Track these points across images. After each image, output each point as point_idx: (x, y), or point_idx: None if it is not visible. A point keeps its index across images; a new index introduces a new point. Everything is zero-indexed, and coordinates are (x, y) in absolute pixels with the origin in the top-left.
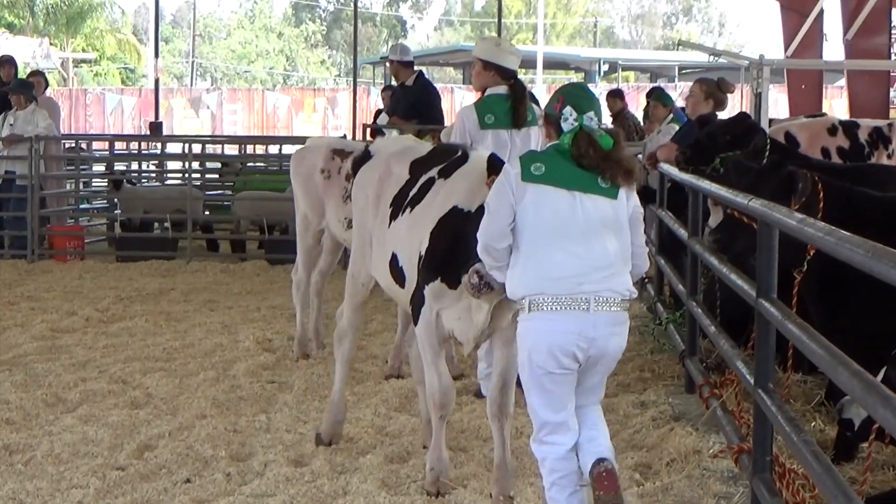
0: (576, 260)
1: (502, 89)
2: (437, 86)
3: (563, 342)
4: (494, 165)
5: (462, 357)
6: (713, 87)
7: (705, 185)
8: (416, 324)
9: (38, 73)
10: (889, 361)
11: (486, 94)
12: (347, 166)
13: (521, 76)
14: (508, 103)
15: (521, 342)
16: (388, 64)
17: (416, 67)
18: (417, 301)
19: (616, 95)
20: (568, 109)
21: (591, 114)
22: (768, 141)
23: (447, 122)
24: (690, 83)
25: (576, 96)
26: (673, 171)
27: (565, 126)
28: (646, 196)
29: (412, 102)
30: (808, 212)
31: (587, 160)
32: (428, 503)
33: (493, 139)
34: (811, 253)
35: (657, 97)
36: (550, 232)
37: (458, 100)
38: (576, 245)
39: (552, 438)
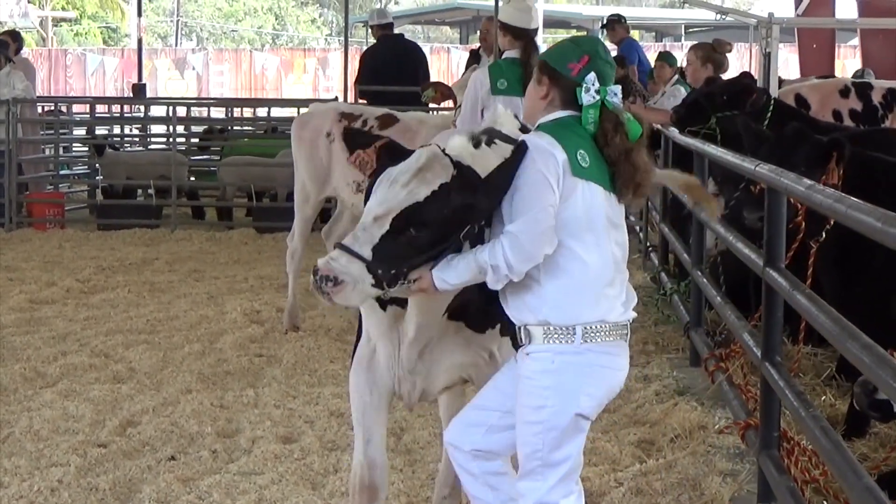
0: (621, 279)
1: (515, 52)
2: (434, 45)
3: (620, 382)
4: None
5: None
6: (708, 49)
7: (710, 149)
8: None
9: (13, 33)
10: None
11: (502, 57)
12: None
13: None
14: (521, 68)
15: (563, 385)
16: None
17: (411, 26)
18: (357, 331)
19: (619, 59)
20: (592, 77)
21: (617, 88)
22: (771, 101)
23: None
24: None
25: (603, 61)
26: (678, 135)
27: (585, 98)
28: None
29: (377, 66)
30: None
31: (609, 150)
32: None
33: (504, 105)
34: (831, 223)
35: (661, 58)
36: (603, 242)
37: (454, 60)
38: (621, 261)
39: (576, 478)
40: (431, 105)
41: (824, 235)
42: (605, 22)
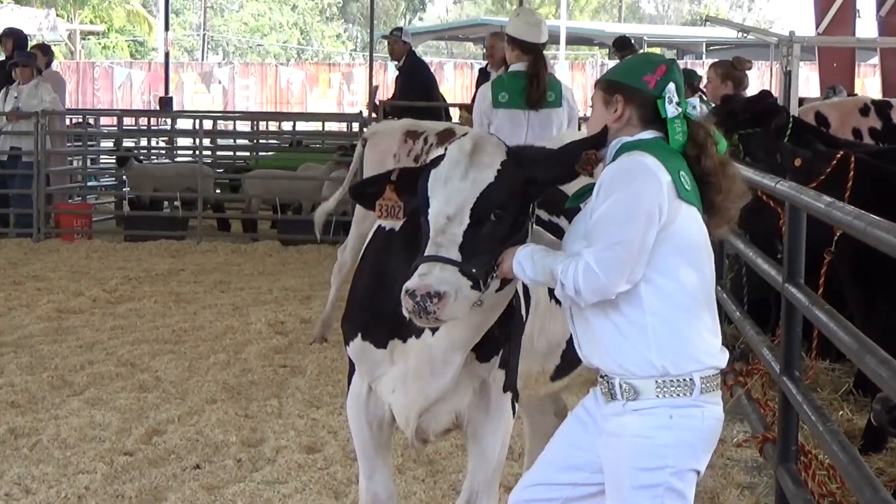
0: (714, 316)
1: (522, 65)
2: (457, 61)
3: (719, 432)
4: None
5: None
6: (728, 67)
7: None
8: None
9: (43, 46)
10: None
11: (508, 70)
12: (417, 148)
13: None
14: (525, 81)
15: (683, 441)
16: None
17: (434, 42)
18: (349, 370)
19: None
20: (672, 86)
21: (695, 101)
22: (790, 119)
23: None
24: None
25: (678, 72)
26: None
27: (669, 109)
28: None
29: (406, 85)
30: (834, 190)
31: (706, 162)
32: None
33: (506, 119)
34: (837, 233)
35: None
36: (707, 271)
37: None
38: (710, 298)
39: None
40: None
41: (834, 247)
42: (613, 45)
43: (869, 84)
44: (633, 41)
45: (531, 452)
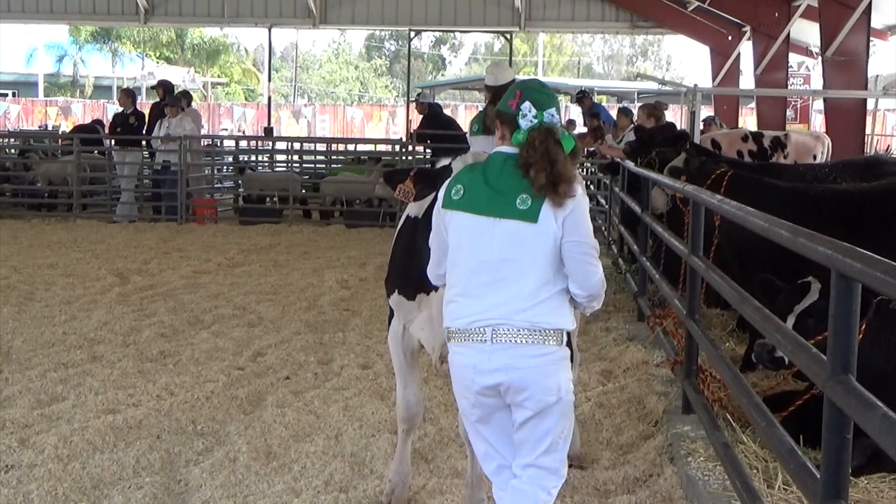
0: (494, 289)
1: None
2: (467, 103)
3: (464, 376)
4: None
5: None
6: (651, 108)
7: (653, 175)
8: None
9: (185, 92)
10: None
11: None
12: None
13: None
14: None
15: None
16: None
17: (451, 90)
18: (389, 314)
19: (594, 114)
20: (527, 105)
21: (553, 110)
22: (689, 141)
23: None
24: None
25: (535, 91)
26: (631, 165)
27: (523, 123)
28: (612, 169)
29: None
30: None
31: (528, 154)
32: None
33: (480, 143)
34: (717, 222)
35: (622, 111)
36: (466, 262)
37: None
38: (488, 275)
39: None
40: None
41: (717, 231)
42: (575, 96)
43: (749, 121)
44: (587, 93)
45: None
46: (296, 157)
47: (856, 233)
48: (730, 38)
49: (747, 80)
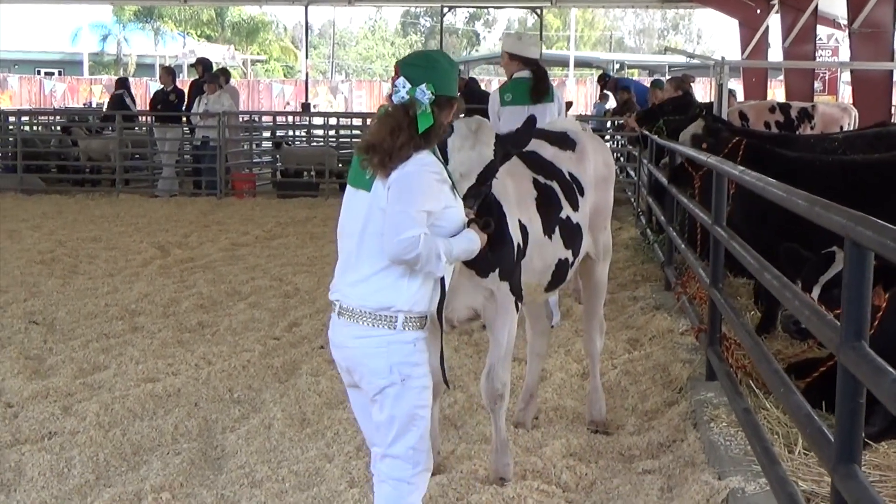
0: (342, 263)
1: (526, 73)
2: (500, 78)
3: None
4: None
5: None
6: (679, 81)
7: (680, 147)
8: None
9: (224, 70)
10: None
11: (512, 78)
12: None
13: (557, 73)
14: (529, 83)
15: None
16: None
17: (487, 65)
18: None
19: (624, 88)
20: (401, 80)
21: (424, 86)
22: (703, 111)
23: None
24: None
25: (411, 66)
26: (657, 138)
27: (395, 98)
28: (641, 142)
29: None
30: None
31: (375, 146)
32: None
33: (510, 114)
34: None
35: (653, 85)
36: (340, 234)
37: None
38: (344, 245)
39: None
40: None
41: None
42: (597, 82)
43: (777, 93)
44: (608, 75)
45: (531, 343)
46: (332, 132)
47: (860, 202)
48: (758, 11)
49: (776, 53)
